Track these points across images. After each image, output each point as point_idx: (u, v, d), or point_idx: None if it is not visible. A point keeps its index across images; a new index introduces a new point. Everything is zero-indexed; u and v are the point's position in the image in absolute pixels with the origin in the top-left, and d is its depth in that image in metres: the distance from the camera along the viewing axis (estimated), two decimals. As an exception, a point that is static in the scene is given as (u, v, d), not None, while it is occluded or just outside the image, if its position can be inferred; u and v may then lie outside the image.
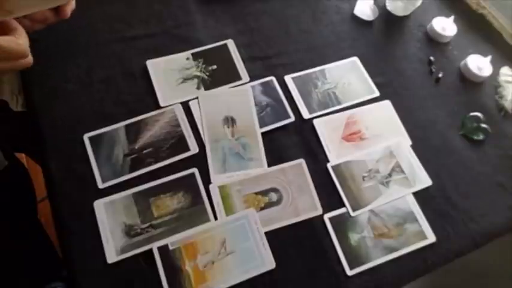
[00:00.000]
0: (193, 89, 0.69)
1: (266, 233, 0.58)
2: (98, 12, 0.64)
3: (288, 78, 0.72)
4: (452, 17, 0.80)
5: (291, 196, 0.62)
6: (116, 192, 0.59)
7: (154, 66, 0.69)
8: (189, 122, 0.65)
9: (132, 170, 0.61)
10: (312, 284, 0.57)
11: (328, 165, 0.65)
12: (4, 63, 0.46)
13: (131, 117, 0.64)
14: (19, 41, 0.46)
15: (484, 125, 0.71)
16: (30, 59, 0.48)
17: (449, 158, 0.68)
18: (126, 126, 0.64)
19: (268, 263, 0.57)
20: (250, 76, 0.71)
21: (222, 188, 0.61)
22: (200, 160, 0.63)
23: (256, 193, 0.61)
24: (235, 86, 0.70)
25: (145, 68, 0.69)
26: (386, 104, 0.72)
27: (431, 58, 0.78)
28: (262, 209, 0.60)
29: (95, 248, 0.55)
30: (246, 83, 0.70)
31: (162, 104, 0.66)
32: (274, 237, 0.58)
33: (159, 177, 0.61)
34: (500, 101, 0.75)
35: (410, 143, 0.68)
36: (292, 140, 0.67)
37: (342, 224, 0.60)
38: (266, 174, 0.63)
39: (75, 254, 0.55)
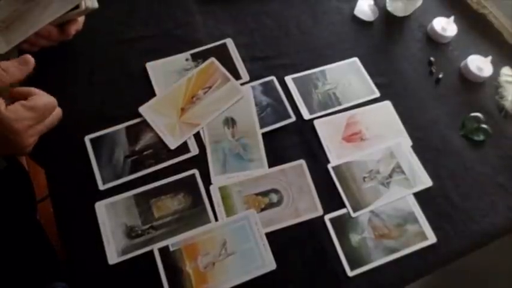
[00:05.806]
0: (193, 90, 0.69)
1: (267, 234, 0.58)
2: (97, 14, 0.64)
3: (288, 79, 0.71)
4: (452, 17, 0.80)
5: (291, 197, 0.62)
6: (116, 194, 0.59)
7: (154, 68, 0.69)
8: (190, 123, 0.65)
9: (132, 172, 0.61)
10: (313, 285, 0.57)
11: (329, 166, 0.65)
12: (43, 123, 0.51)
13: (132, 119, 0.64)
14: (42, 97, 0.51)
15: (484, 126, 0.71)
16: (59, 109, 0.54)
17: (450, 159, 0.68)
18: (127, 128, 0.64)
19: (269, 264, 0.57)
20: (250, 76, 0.71)
21: (222, 189, 0.61)
22: (200, 161, 0.63)
23: (257, 194, 0.61)
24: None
25: (145, 69, 0.69)
26: (387, 104, 0.72)
27: (432, 58, 0.78)
28: (262, 210, 0.60)
29: (96, 249, 0.55)
30: (246, 83, 0.70)
31: (162, 105, 0.66)
32: (275, 238, 0.58)
33: (160, 179, 0.61)
34: (500, 102, 0.75)
35: (410, 143, 0.68)
36: (293, 141, 0.67)
37: (343, 225, 0.61)
38: (266, 175, 0.63)
39: (76, 255, 0.55)
